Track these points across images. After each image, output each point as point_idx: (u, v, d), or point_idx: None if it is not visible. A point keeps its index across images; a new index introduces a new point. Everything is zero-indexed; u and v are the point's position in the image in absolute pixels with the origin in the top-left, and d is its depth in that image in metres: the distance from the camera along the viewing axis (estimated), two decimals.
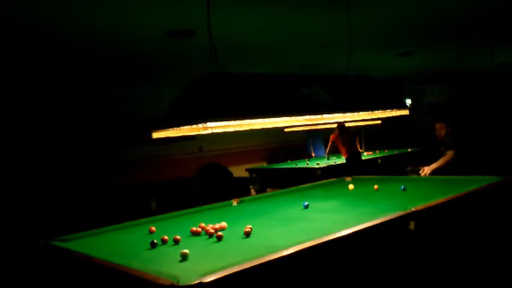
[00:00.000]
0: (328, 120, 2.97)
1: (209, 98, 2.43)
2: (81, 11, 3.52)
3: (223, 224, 2.70)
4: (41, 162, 6.54)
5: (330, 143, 7.13)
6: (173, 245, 2.44)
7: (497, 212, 3.38)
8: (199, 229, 2.65)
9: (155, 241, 2.40)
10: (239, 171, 7.84)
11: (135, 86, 7.39)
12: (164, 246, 2.41)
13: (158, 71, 6.50)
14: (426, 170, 4.75)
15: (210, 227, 2.62)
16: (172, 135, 2.71)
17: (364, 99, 3.28)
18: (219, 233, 2.46)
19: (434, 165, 4.77)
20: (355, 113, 3.05)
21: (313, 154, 8.74)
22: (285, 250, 1.98)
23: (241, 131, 2.69)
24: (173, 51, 5.22)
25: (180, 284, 1.65)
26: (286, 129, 7.37)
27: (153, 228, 2.81)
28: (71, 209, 6.18)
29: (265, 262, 1.84)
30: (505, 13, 4.67)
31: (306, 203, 3.23)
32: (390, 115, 3.42)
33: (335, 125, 6.79)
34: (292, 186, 4.36)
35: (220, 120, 2.30)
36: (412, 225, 2.51)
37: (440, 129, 5.02)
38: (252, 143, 9.12)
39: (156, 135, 2.82)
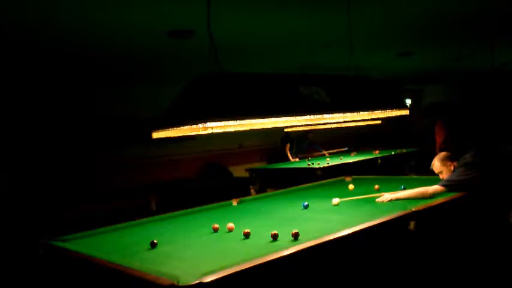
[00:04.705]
0: (328, 120, 2.97)
1: (209, 98, 2.43)
2: (80, 11, 3.52)
3: (231, 224, 2.70)
4: (41, 163, 6.54)
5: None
6: (173, 245, 2.44)
7: (496, 211, 3.38)
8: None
9: (155, 241, 2.40)
10: (239, 171, 7.84)
11: (135, 86, 7.39)
12: (164, 246, 2.41)
13: (158, 71, 6.50)
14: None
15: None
16: (172, 135, 2.71)
17: (364, 99, 3.28)
18: (246, 230, 2.47)
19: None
20: (355, 113, 3.05)
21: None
22: (285, 250, 1.98)
23: (241, 131, 2.69)
24: (173, 51, 5.22)
25: (180, 284, 1.65)
26: (286, 129, 7.36)
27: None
28: (71, 209, 6.18)
29: (265, 262, 1.85)
30: (505, 13, 4.67)
31: (306, 203, 3.23)
32: (390, 115, 3.42)
33: (334, 125, 6.76)
34: (292, 186, 4.36)
35: (220, 120, 2.30)
36: (412, 225, 2.51)
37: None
38: (252, 143, 9.12)
39: (156, 135, 2.82)
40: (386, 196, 3.23)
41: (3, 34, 3.95)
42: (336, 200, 3.29)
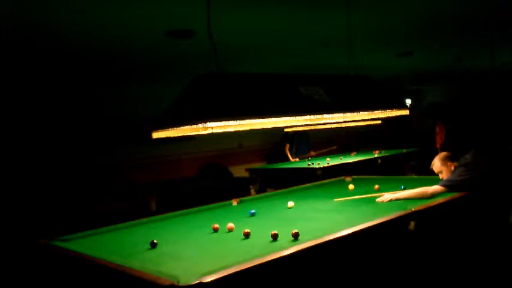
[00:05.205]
0: (328, 120, 2.97)
1: (209, 98, 2.43)
2: (80, 11, 3.52)
3: (231, 224, 2.70)
4: (42, 163, 6.54)
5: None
6: (173, 245, 2.44)
7: (496, 211, 3.38)
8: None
9: (155, 241, 2.40)
10: (239, 171, 7.84)
11: (135, 86, 7.39)
12: (164, 246, 2.41)
13: (158, 71, 6.50)
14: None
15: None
16: (172, 135, 2.71)
17: (364, 99, 3.28)
18: (246, 230, 2.47)
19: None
20: (355, 113, 3.05)
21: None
22: (285, 250, 1.98)
23: (241, 131, 2.69)
24: (173, 51, 5.22)
25: (180, 284, 1.65)
26: (286, 129, 7.36)
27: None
28: (71, 209, 6.17)
29: (265, 262, 1.85)
30: (505, 13, 4.67)
31: (253, 211, 3.08)
32: (390, 115, 3.42)
33: (334, 125, 6.77)
34: (292, 186, 4.35)
35: (220, 120, 2.30)
36: (412, 225, 2.51)
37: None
38: (252, 143, 9.12)
39: (156, 135, 2.82)
40: (387, 196, 3.23)
41: (4, 34, 3.95)
42: (290, 203, 3.33)
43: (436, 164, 3.49)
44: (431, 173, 4.13)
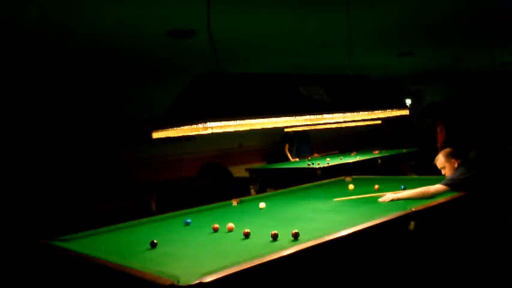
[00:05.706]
0: (328, 120, 2.97)
1: (209, 98, 2.43)
2: (80, 11, 3.52)
3: (231, 224, 2.70)
4: (42, 162, 6.54)
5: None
6: (173, 245, 2.44)
7: (496, 211, 3.38)
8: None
9: (155, 241, 2.40)
10: (239, 171, 7.84)
11: (135, 86, 7.38)
12: (164, 246, 2.41)
13: (158, 71, 6.50)
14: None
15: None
16: (172, 135, 2.71)
17: (364, 99, 3.28)
18: (246, 230, 2.47)
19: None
20: (355, 113, 3.05)
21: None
22: (285, 250, 1.98)
23: (241, 131, 2.69)
24: (173, 51, 5.21)
25: (180, 284, 1.65)
26: (286, 129, 7.36)
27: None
28: (71, 209, 6.18)
29: (265, 262, 1.85)
30: (505, 13, 4.67)
31: (188, 220, 2.99)
32: (390, 115, 3.42)
33: (334, 125, 6.77)
34: (292, 186, 4.36)
35: (220, 120, 2.30)
36: (412, 225, 2.51)
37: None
38: (252, 143, 9.12)
39: (156, 135, 2.82)
40: (388, 196, 3.23)
41: (4, 34, 3.95)
42: (262, 204, 3.35)
43: (440, 159, 3.50)
44: (431, 173, 4.12)
